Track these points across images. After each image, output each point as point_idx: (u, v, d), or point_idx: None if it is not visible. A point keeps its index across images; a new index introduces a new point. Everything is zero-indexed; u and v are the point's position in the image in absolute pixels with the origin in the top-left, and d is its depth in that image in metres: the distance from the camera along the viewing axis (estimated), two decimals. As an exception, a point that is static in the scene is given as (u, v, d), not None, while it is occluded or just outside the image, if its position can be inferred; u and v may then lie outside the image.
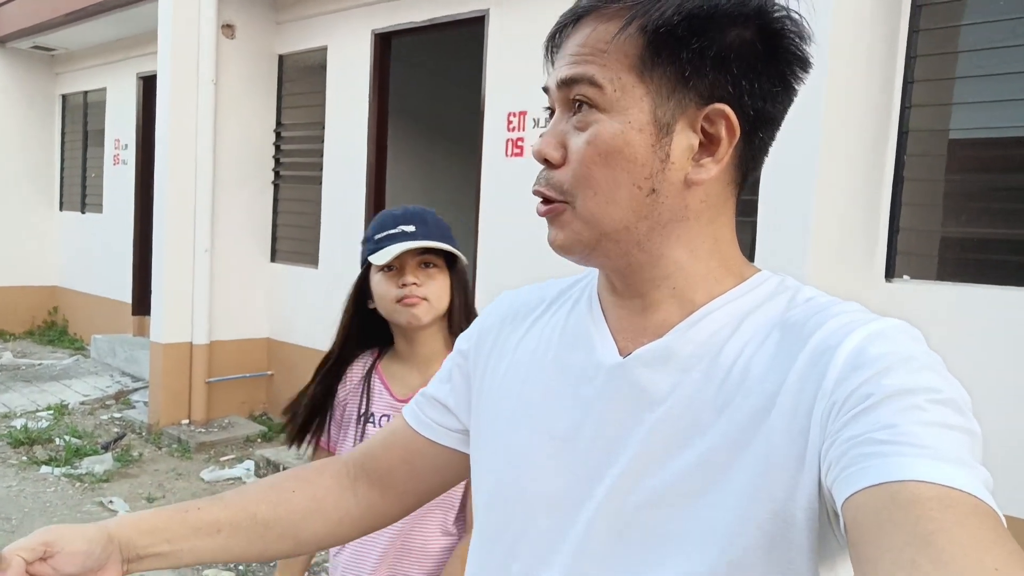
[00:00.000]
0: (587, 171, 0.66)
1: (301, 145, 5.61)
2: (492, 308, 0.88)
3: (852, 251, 2.87)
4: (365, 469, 0.91)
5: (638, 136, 0.64)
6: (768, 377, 0.63)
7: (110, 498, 4.17)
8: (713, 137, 0.66)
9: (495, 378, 0.81)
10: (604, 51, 0.65)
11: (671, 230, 0.67)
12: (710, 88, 0.64)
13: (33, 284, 8.45)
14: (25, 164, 8.31)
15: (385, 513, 0.91)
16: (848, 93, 2.69)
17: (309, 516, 0.88)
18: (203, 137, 5.20)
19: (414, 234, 1.42)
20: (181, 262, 5.23)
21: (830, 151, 2.63)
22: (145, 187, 6.92)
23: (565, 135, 0.68)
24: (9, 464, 4.63)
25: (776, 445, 0.60)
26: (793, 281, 0.70)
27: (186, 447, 4.99)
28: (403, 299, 1.41)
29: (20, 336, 8.31)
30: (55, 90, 8.50)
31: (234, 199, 5.49)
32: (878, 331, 0.60)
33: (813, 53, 0.67)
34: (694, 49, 0.63)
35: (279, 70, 5.68)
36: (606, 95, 0.65)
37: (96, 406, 5.89)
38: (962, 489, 0.49)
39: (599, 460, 0.69)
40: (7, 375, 6.67)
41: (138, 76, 7.05)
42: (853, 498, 0.52)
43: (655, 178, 0.65)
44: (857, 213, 2.86)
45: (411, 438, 0.88)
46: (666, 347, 0.68)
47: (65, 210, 8.47)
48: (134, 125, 7.09)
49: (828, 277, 2.73)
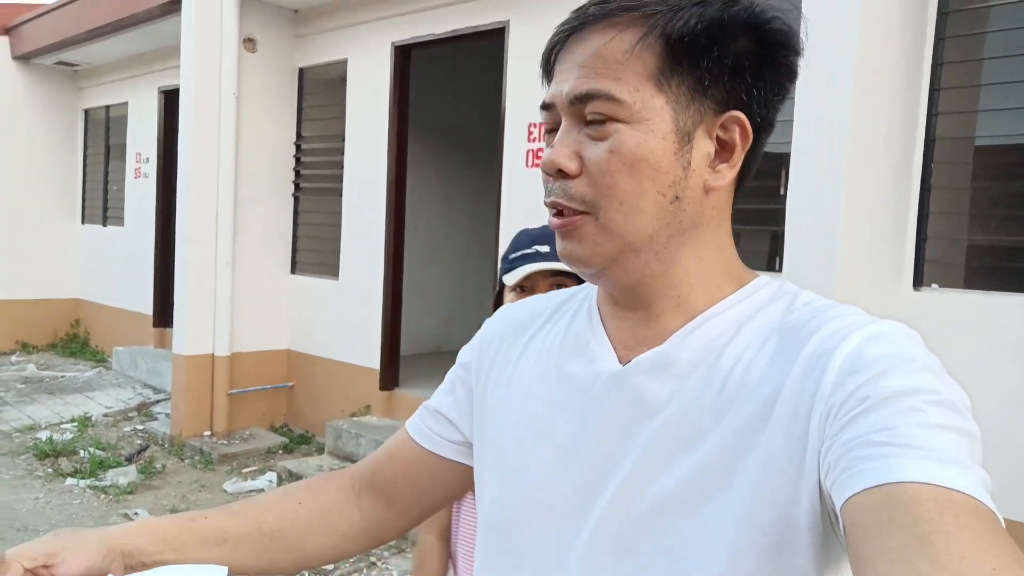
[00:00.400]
0: (612, 181, 0.65)
1: (321, 157, 5.64)
2: (493, 320, 0.89)
3: (880, 260, 2.84)
4: (370, 482, 0.91)
5: (661, 144, 0.65)
6: (767, 382, 0.63)
7: (135, 510, 4.19)
8: (727, 144, 0.67)
9: (497, 390, 0.81)
10: (620, 62, 0.64)
11: (688, 237, 0.68)
12: (726, 96, 0.65)
13: (55, 297, 8.55)
14: (48, 178, 8.42)
15: (390, 526, 0.91)
16: (875, 101, 2.67)
17: (314, 528, 0.88)
18: (225, 150, 5.25)
19: (547, 255, 1.37)
20: (203, 275, 5.27)
21: (858, 159, 2.61)
22: (166, 200, 6.99)
23: (580, 145, 0.67)
24: (35, 476, 4.67)
25: (777, 450, 0.60)
26: (791, 286, 0.71)
27: (208, 459, 5.01)
28: None
29: (43, 348, 8.40)
30: (78, 104, 8.61)
31: (255, 212, 5.53)
32: (875, 334, 0.60)
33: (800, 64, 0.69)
34: (714, 58, 0.64)
35: (299, 83, 5.73)
36: (626, 107, 0.64)
37: (119, 418, 5.93)
38: (961, 490, 0.49)
39: (601, 469, 0.70)
40: (31, 387, 6.73)
41: (159, 90, 7.13)
42: (852, 500, 0.52)
43: (678, 185, 0.66)
44: (885, 221, 2.83)
45: (414, 451, 0.89)
46: (665, 354, 0.68)
47: (87, 223, 8.57)
48: (155, 139, 7.18)
49: (856, 286, 2.70)
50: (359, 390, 5.21)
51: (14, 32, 7.96)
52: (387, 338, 5.13)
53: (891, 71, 2.71)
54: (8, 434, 5.46)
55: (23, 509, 4.17)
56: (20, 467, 4.81)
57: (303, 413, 5.68)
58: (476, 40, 4.58)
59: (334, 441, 4.91)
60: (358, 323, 5.25)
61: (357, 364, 5.27)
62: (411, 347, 5.34)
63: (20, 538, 3.81)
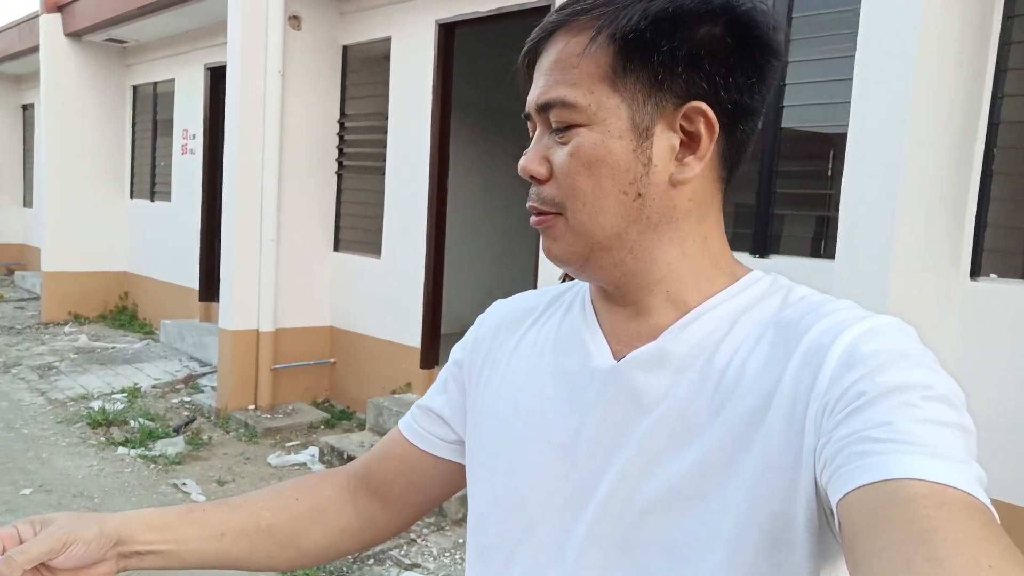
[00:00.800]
0: (573, 182, 0.66)
1: (364, 136, 5.67)
2: (486, 316, 0.88)
3: (936, 248, 2.76)
4: (365, 481, 0.91)
5: (618, 143, 0.65)
6: (763, 378, 0.63)
7: (183, 480, 4.31)
8: (693, 135, 0.66)
9: (490, 386, 0.81)
10: (575, 66, 0.66)
11: (662, 232, 0.68)
12: (685, 87, 0.65)
13: (105, 270, 8.77)
14: (97, 153, 8.60)
15: (386, 525, 0.92)
16: (938, 82, 2.58)
17: (311, 525, 0.88)
18: (270, 128, 5.30)
19: None
20: (249, 252, 5.35)
21: (917, 143, 2.53)
22: (212, 176, 7.10)
23: (548, 150, 0.69)
24: (89, 444, 4.83)
25: (774, 446, 0.60)
26: (785, 280, 0.70)
27: (253, 432, 5.12)
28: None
29: (94, 320, 8.64)
30: (126, 81, 8.76)
31: (299, 189, 5.59)
32: (871, 329, 0.60)
33: (781, 40, 0.67)
34: (664, 51, 0.63)
35: (343, 61, 5.74)
36: (582, 111, 0.65)
37: (167, 390, 6.09)
38: (956, 486, 0.49)
39: (597, 465, 0.69)
40: (84, 357, 6.94)
41: (205, 67, 7.21)
42: (848, 496, 0.52)
43: (640, 182, 0.66)
44: (943, 208, 2.75)
45: (407, 450, 0.89)
46: (660, 349, 0.68)
47: (135, 198, 8.76)
48: (201, 115, 7.27)
49: (911, 275, 2.63)
50: (400, 368, 5.27)
51: (67, 9, 8.11)
52: (428, 316, 5.16)
53: (956, 51, 2.61)
54: (63, 403, 5.65)
55: (79, 476, 4.32)
56: (75, 435, 4.98)
57: (345, 389, 5.76)
58: (521, 18, 4.53)
59: (375, 418, 4.98)
60: (400, 301, 5.29)
61: (398, 342, 5.32)
62: (450, 326, 5.37)
63: (77, 504, 3.95)
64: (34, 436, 4.92)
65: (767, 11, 0.66)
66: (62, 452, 4.68)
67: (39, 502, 3.94)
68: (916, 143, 2.53)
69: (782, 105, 3.38)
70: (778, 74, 0.69)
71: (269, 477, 4.44)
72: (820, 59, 3.30)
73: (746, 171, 3.14)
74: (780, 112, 3.38)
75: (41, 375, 6.38)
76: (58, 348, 7.32)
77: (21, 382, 6.17)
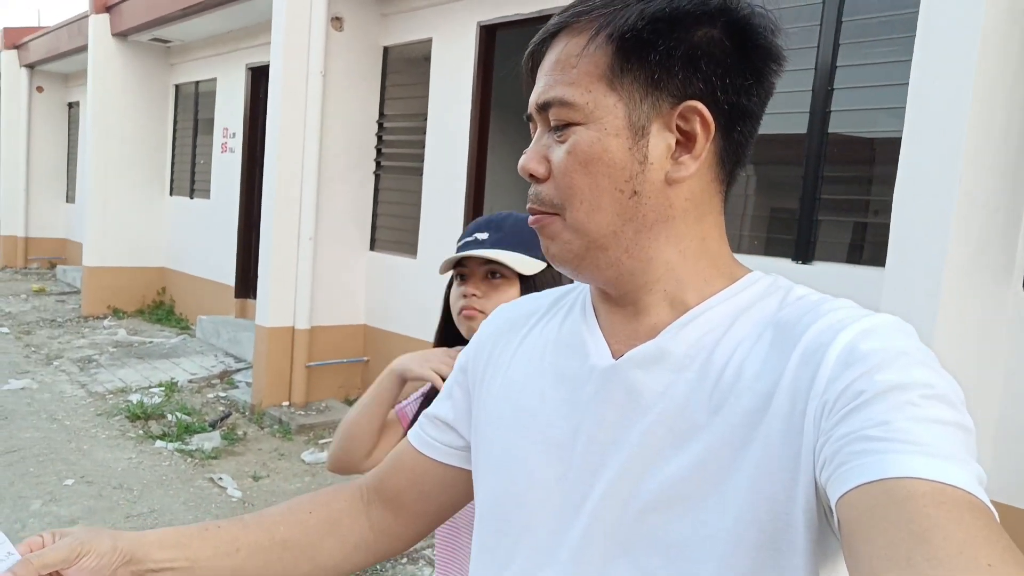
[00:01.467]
0: (570, 180, 0.67)
1: (403, 136, 5.69)
2: (488, 321, 0.90)
3: (989, 257, 2.69)
4: (377, 492, 0.91)
5: (615, 141, 0.66)
6: (762, 377, 0.63)
7: (219, 475, 4.36)
8: (689, 134, 0.66)
9: (492, 389, 0.82)
10: (573, 66, 0.67)
11: (658, 231, 0.68)
12: (681, 87, 0.65)
13: (144, 265, 8.93)
14: (139, 150, 8.77)
15: (400, 536, 0.91)
16: (996, 89, 2.52)
17: (326, 538, 0.88)
18: (311, 128, 5.35)
19: (484, 242, 1.34)
20: (286, 250, 5.41)
21: (974, 151, 2.47)
22: (250, 174, 7.19)
23: (547, 149, 0.70)
24: (128, 437, 4.90)
25: (773, 446, 0.60)
26: (785, 280, 0.70)
27: (287, 428, 5.16)
28: (463, 310, 1.36)
29: (131, 314, 8.80)
30: (169, 80, 8.93)
31: (337, 189, 5.63)
32: (870, 327, 0.60)
33: (782, 44, 0.68)
34: (661, 51, 0.64)
35: (383, 62, 5.78)
36: (579, 109, 0.66)
37: (202, 384, 6.17)
38: (956, 485, 0.49)
39: (595, 464, 0.69)
40: (122, 351, 7.06)
41: (247, 67, 7.31)
42: (848, 496, 0.52)
43: (635, 180, 0.66)
44: (996, 216, 2.68)
45: (416, 459, 0.89)
46: (659, 348, 0.68)
47: (175, 195, 8.91)
48: (242, 114, 7.37)
49: (964, 284, 2.57)
50: (433, 368, 5.27)
51: (114, 10, 8.28)
52: (463, 318, 5.16)
53: (1016, 57, 2.55)
54: (103, 395, 5.75)
55: (118, 468, 4.39)
56: (114, 428, 5.06)
57: (377, 388, 5.78)
58: (563, 20, 4.52)
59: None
60: (434, 302, 5.29)
61: (432, 342, 5.32)
62: (485, 328, 5.37)
63: (117, 495, 4.01)
64: (75, 428, 5.02)
65: (767, 15, 0.67)
66: (102, 444, 4.76)
67: (81, 492, 4.02)
68: (973, 150, 2.47)
69: (829, 110, 3.32)
70: (778, 78, 0.69)
71: (303, 474, 4.47)
72: (870, 64, 3.24)
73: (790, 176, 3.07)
74: (827, 117, 3.33)
75: (81, 368, 6.50)
76: (97, 342, 7.46)
77: (63, 374, 6.30)
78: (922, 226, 2.53)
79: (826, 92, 3.31)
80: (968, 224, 2.55)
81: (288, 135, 5.31)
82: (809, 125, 3.38)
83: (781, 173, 3.71)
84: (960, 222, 2.51)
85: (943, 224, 2.48)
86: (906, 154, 2.55)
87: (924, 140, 2.51)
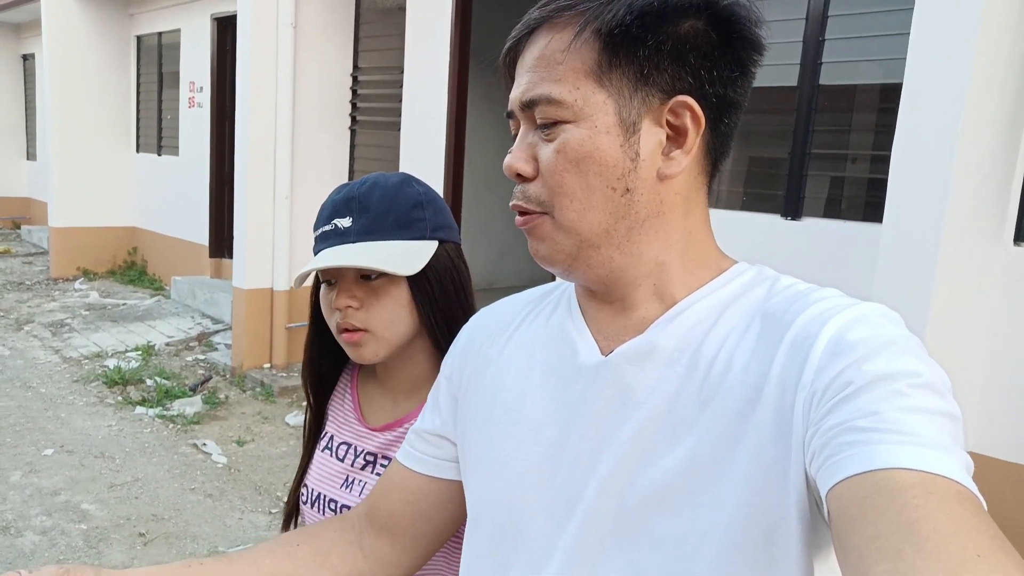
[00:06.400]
0: (560, 180, 0.66)
1: (379, 90, 5.52)
2: (470, 325, 0.88)
3: (984, 215, 2.68)
4: (370, 519, 0.89)
5: (606, 139, 0.65)
6: (751, 369, 0.62)
7: (203, 440, 4.30)
8: (679, 129, 0.66)
9: (478, 392, 0.80)
10: (560, 63, 0.65)
11: (649, 227, 0.67)
12: (670, 82, 0.65)
13: (113, 225, 8.69)
14: (102, 106, 8.44)
15: (398, 563, 0.88)
16: (997, 49, 2.46)
17: (316, 569, 0.85)
18: (283, 81, 5.16)
19: (347, 232, 1.02)
20: (262, 210, 5.27)
21: (973, 108, 2.42)
22: (220, 130, 6.96)
23: (534, 147, 0.68)
24: (106, 404, 4.81)
25: (765, 438, 0.60)
26: (771, 271, 0.70)
27: (269, 391, 5.10)
28: (342, 332, 1.04)
29: (102, 276, 8.59)
30: (130, 31, 8.55)
31: (312, 145, 5.47)
32: (857, 316, 0.60)
33: (762, 35, 0.67)
34: (650, 45, 0.63)
35: (356, 12, 5.56)
36: (568, 107, 0.65)
37: (180, 347, 6.07)
38: (944, 475, 0.49)
39: (587, 463, 0.69)
40: (95, 314, 6.91)
41: (212, 17, 7.01)
42: (837, 487, 0.52)
43: (628, 177, 0.65)
44: (992, 172, 2.66)
45: (409, 478, 0.86)
46: (648, 342, 0.68)
47: (142, 152, 8.62)
48: (209, 68, 7.09)
49: (959, 241, 2.56)
50: (416, 327, 5.22)
51: (66, -45, 7.86)
52: (445, 276, 5.09)
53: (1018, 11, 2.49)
54: (78, 361, 5.63)
55: (99, 436, 4.31)
56: (92, 394, 4.97)
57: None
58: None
59: (392, 378, 4.95)
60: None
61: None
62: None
63: (99, 464, 3.94)
64: (51, 395, 4.91)
65: (748, 5, 0.66)
66: (80, 412, 4.67)
67: (62, 462, 3.94)
68: (973, 106, 2.43)
69: (820, 61, 3.25)
70: (758, 68, 0.69)
71: (287, 437, 4.43)
72: (863, 13, 3.16)
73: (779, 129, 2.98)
74: (818, 68, 3.26)
75: (54, 332, 6.35)
76: (69, 305, 7.29)
77: (35, 339, 6.15)
78: (922, 183, 2.50)
79: (817, 42, 3.24)
80: (966, 182, 2.53)
81: (259, 90, 5.11)
82: (799, 77, 3.31)
83: (770, 126, 3.65)
84: (960, 179, 2.48)
85: (943, 181, 2.45)
86: (905, 108, 2.50)
87: (923, 96, 2.46)
